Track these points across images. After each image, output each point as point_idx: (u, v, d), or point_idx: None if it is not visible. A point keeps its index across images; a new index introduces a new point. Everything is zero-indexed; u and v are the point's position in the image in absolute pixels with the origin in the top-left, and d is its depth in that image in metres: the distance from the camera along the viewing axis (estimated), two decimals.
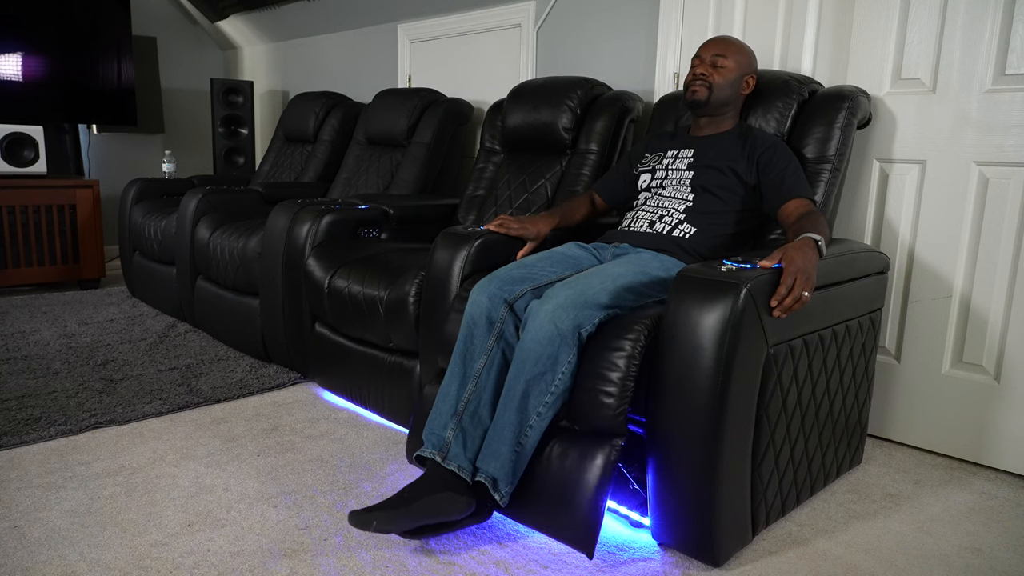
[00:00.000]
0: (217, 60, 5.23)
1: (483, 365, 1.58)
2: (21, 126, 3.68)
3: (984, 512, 1.74)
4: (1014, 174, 1.88)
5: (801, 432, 1.61)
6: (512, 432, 1.49)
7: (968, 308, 1.99)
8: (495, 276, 1.65)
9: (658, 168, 1.98)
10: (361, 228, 2.53)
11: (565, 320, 1.46)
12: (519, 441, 1.49)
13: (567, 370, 1.47)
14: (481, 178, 2.75)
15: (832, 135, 1.90)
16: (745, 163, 1.84)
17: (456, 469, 1.52)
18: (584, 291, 1.51)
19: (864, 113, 2.00)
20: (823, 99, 1.96)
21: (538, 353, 1.47)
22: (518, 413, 1.49)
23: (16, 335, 2.91)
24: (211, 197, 3.05)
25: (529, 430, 1.49)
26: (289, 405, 2.29)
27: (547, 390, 1.48)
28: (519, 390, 1.49)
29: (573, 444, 1.51)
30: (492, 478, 1.50)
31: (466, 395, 1.57)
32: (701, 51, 1.93)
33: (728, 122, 1.95)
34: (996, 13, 1.87)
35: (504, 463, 1.49)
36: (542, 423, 1.50)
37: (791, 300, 1.39)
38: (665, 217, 1.86)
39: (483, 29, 3.26)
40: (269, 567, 1.42)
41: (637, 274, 1.61)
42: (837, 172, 1.89)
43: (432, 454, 1.55)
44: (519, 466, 1.51)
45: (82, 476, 1.78)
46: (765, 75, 2.04)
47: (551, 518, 1.50)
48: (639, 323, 1.47)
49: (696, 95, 1.90)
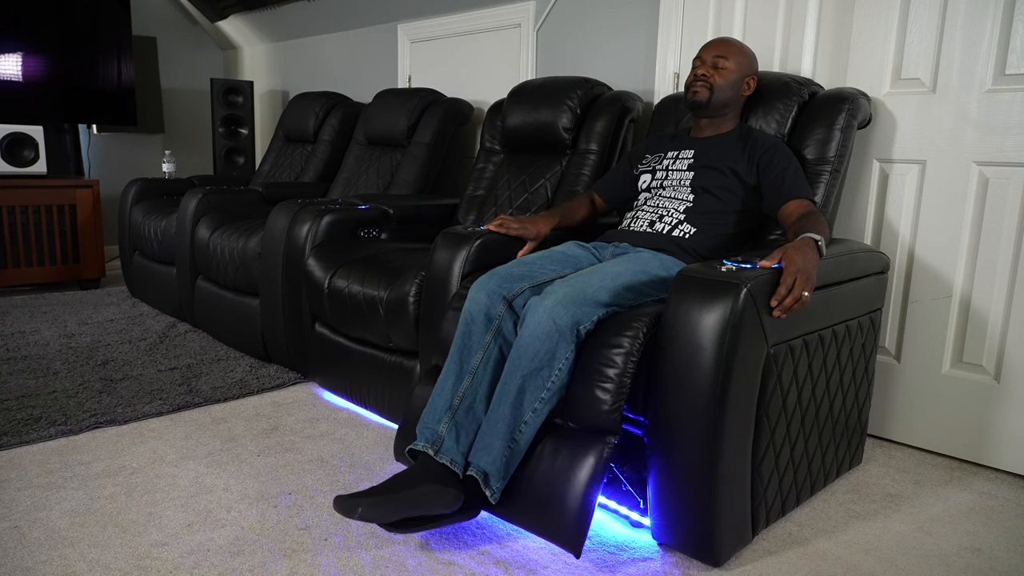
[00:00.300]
0: (217, 60, 5.23)
1: (480, 361, 1.57)
2: (21, 126, 3.68)
3: (984, 512, 1.74)
4: (1014, 174, 1.88)
5: (801, 432, 1.61)
6: (506, 427, 1.49)
7: (968, 308, 1.99)
8: (494, 273, 1.65)
9: (658, 168, 1.99)
10: (361, 228, 2.53)
11: (564, 316, 1.46)
12: (513, 437, 1.49)
13: (564, 367, 1.47)
14: (481, 178, 2.75)
15: (832, 136, 1.90)
16: (745, 164, 1.84)
17: (448, 463, 1.51)
18: (583, 288, 1.51)
19: (864, 115, 2.00)
20: (823, 101, 1.96)
21: (535, 349, 1.47)
22: (513, 408, 1.49)
23: (16, 335, 2.91)
24: (211, 197, 3.05)
25: (524, 426, 1.49)
26: (289, 405, 2.29)
27: (543, 386, 1.47)
28: (515, 385, 1.49)
29: (566, 441, 1.50)
30: (484, 472, 1.49)
31: (462, 390, 1.56)
32: (702, 52, 1.94)
33: (728, 123, 1.95)
34: (996, 13, 1.87)
35: (496, 458, 1.49)
36: (537, 419, 1.50)
37: (791, 300, 1.39)
38: (665, 217, 1.86)
39: (483, 29, 3.26)
40: (269, 567, 1.42)
41: (637, 273, 1.61)
42: (837, 173, 1.89)
43: (425, 447, 1.54)
44: (512, 462, 1.50)
45: (82, 476, 1.78)
46: (765, 77, 2.05)
47: (539, 517, 1.48)
48: (638, 320, 1.47)
49: (697, 96, 1.90)
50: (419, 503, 1.44)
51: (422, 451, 1.54)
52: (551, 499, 1.46)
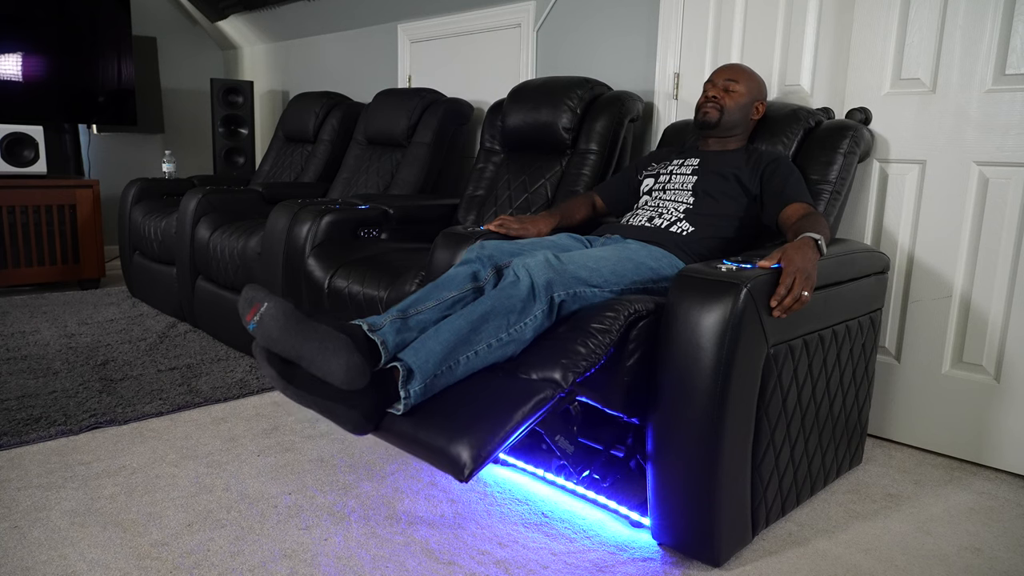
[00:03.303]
0: (217, 60, 5.23)
1: (453, 296, 1.53)
2: (21, 126, 3.68)
3: (984, 512, 1.74)
4: (1014, 174, 1.88)
5: (801, 432, 1.61)
6: (454, 339, 1.37)
7: (968, 308, 1.99)
8: (487, 243, 1.64)
9: (662, 173, 2.02)
10: (361, 228, 2.53)
11: (540, 276, 1.44)
12: (455, 356, 1.37)
13: (531, 324, 1.43)
14: (481, 178, 2.75)
15: (835, 160, 1.94)
16: (749, 172, 1.88)
17: (379, 343, 1.38)
18: (564, 262, 1.50)
19: (866, 146, 2.05)
20: (829, 128, 2.01)
21: (509, 294, 1.44)
22: (468, 327, 1.39)
23: (16, 335, 2.91)
24: (211, 197, 3.05)
25: (471, 355, 1.39)
26: (289, 405, 2.29)
27: (506, 328, 1.41)
28: (479, 312, 1.42)
29: (506, 379, 1.41)
30: (409, 369, 1.35)
31: (423, 306, 1.49)
32: (714, 76, 1.99)
33: (735, 143, 1.99)
34: (996, 13, 1.87)
35: (429, 360, 1.35)
36: (485, 356, 1.40)
37: (791, 300, 1.39)
38: (664, 215, 1.88)
39: (483, 29, 3.26)
40: (269, 567, 1.42)
41: (621, 260, 1.61)
42: (838, 196, 1.93)
43: (360, 323, 1.41)
44: (439, 381, 1.37)
45: (82, 476, 1.78)
46: (774, 104, 2.12)
47: (438, 433, 1.30)
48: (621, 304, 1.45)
49: (707, 116, 1.95)
50: (323, 349, 1.32)
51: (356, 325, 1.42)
52: (459, 419, 1.31)
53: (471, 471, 1.25)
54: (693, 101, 2.52)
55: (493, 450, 1.27)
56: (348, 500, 1.69)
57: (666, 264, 1.71)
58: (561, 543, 1.54)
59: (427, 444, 1.31)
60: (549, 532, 1.58)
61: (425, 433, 1.32)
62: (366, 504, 1.67)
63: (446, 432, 1.30)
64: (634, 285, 1.59)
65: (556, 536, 1.57)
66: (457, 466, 1.26)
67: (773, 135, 2.03)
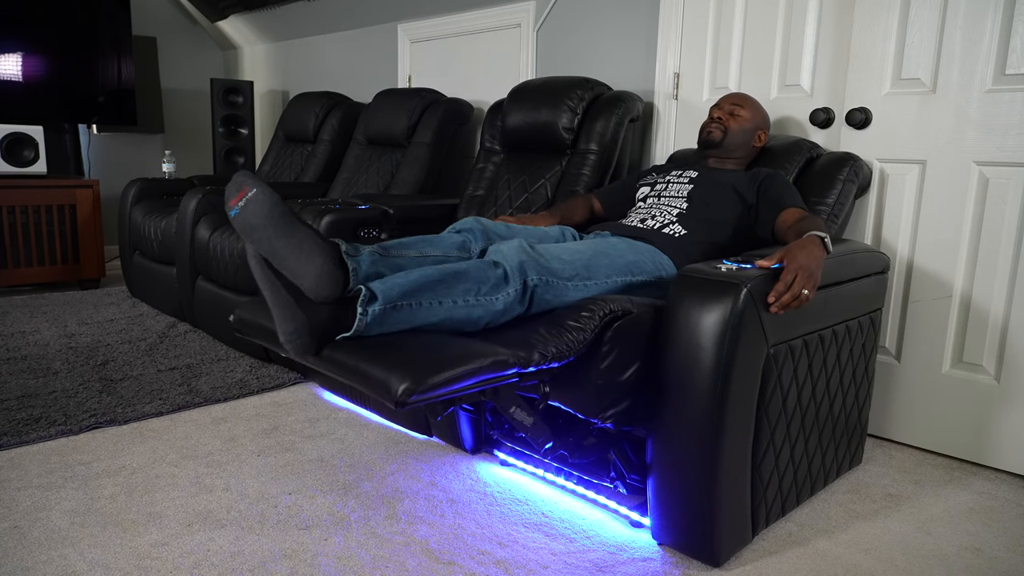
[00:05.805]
0: (217, 60, 5.23)
1: (436, 255, 1.53)
2: (21, 126, 3.68)
3: (984, 512, 1.74)
4: (1014, 174, 1.88)
5: (801, 432, 1.61)
6: (422, 281, 1.33)
7: (968, 308, 1.99)
8: (481, 220, 1.65)
9: (659, 182, 2.06)
10: (361, 228, 2.53)
11: (513, 257, 1.44)
12: (419, 294, 1.32)
13: (503, 299, 1.40)
14: (481, 178, 2.75)
15: (835, 185, 1.96)
16: (747, 181, 1.90)
17: (351, 270, 1.36)
18: (540, 252, 1.49)
19: (865, 179, 2.08)
20: (830, 158, 2.05)
21: (487, 266, 1.42)
22: (439, 276, 1.35)
23: (16, 335, 2.91)
24: (211, 197, 3.04)
25: (435, 303, 1.33)
26: (289, 405, 2.29)
27: (475, 293, 1.37)
28: (454, 269, 1.39)
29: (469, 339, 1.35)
30: (371, 292, 1.30)
31: (404, 252, 1.47)
32: (720, 101, 2.07)
33: (734, 164, 2.05)
34: (996, 13, 1.87)
35: (393, 289, 1.30)
36: (449, 310, 1.35)
37: (789, 297, 1.37)
38: (657, 217, 1.89)
39: (483, 29, 3.26)
40: (269, 567, 1.42)
41: (596, 254, 1.60)
42: (835, 220, 1.95)
43: (339, 242, 1.39)
44: (399, 314, 1.30)
45: (82, 476, 1.78)
46: (778, 137, 2.17)
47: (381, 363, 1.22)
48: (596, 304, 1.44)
49: (711, 135, 2.01)
50: (300, 249, 1.27)
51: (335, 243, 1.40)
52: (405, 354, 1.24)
53: (403, 400, 1.17)
54: (693, 101, 2.52)
55: (434, 387, 1.19)
56: (348, 500, 1.69)
57: (649, 259, 1.70)
58: (561, 543, 1.54)
59: (365, 372, 1.23)
60: (549, 532, 1.58)
61: (367, 364, 1.24)
62: (366, 504, 1.67)
63: (387, 363, 1.23)
64: (608, 280, 1.58)
65: (556, 536, 1.57)
66: (389, 391, 1.18)
67: (774, 162, 2.07)
